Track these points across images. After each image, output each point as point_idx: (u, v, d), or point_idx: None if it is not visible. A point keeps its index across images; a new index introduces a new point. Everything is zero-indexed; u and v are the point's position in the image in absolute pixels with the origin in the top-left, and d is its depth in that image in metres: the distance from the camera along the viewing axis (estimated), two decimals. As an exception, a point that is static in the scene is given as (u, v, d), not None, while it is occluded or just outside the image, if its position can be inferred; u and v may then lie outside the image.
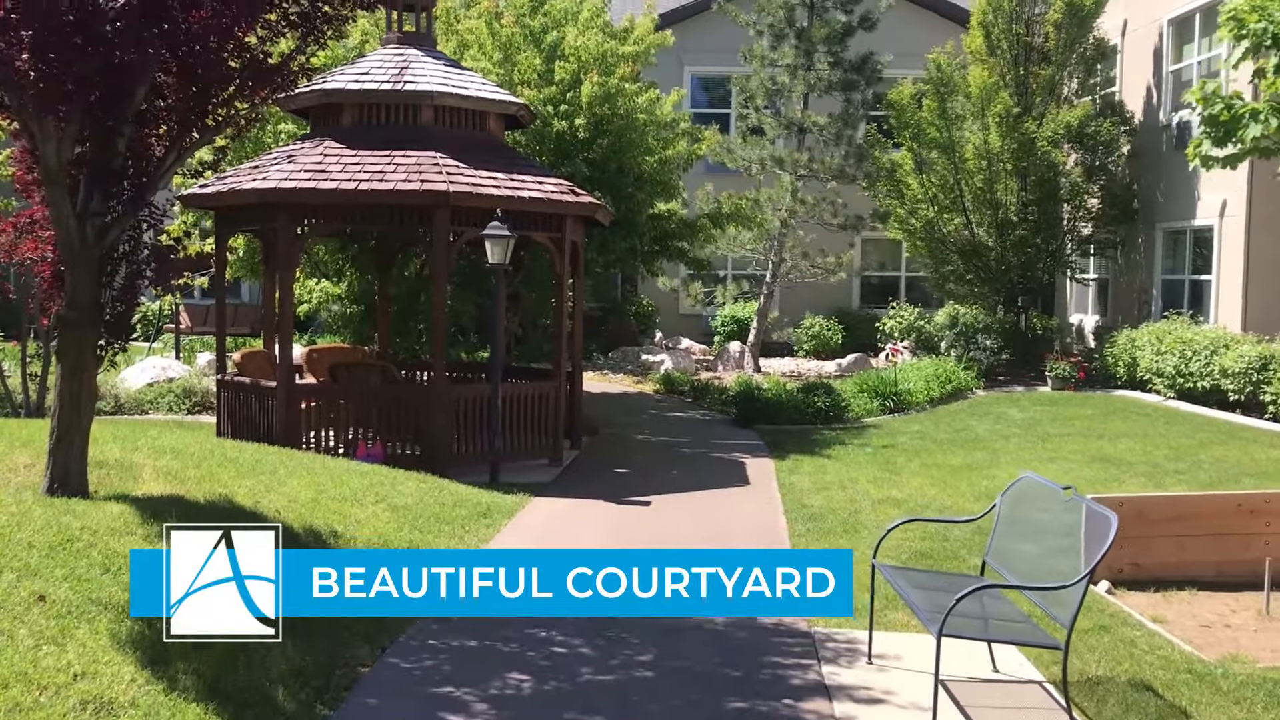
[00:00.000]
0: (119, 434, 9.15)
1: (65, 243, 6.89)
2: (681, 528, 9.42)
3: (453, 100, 11.79)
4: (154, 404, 15.06)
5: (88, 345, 7.03)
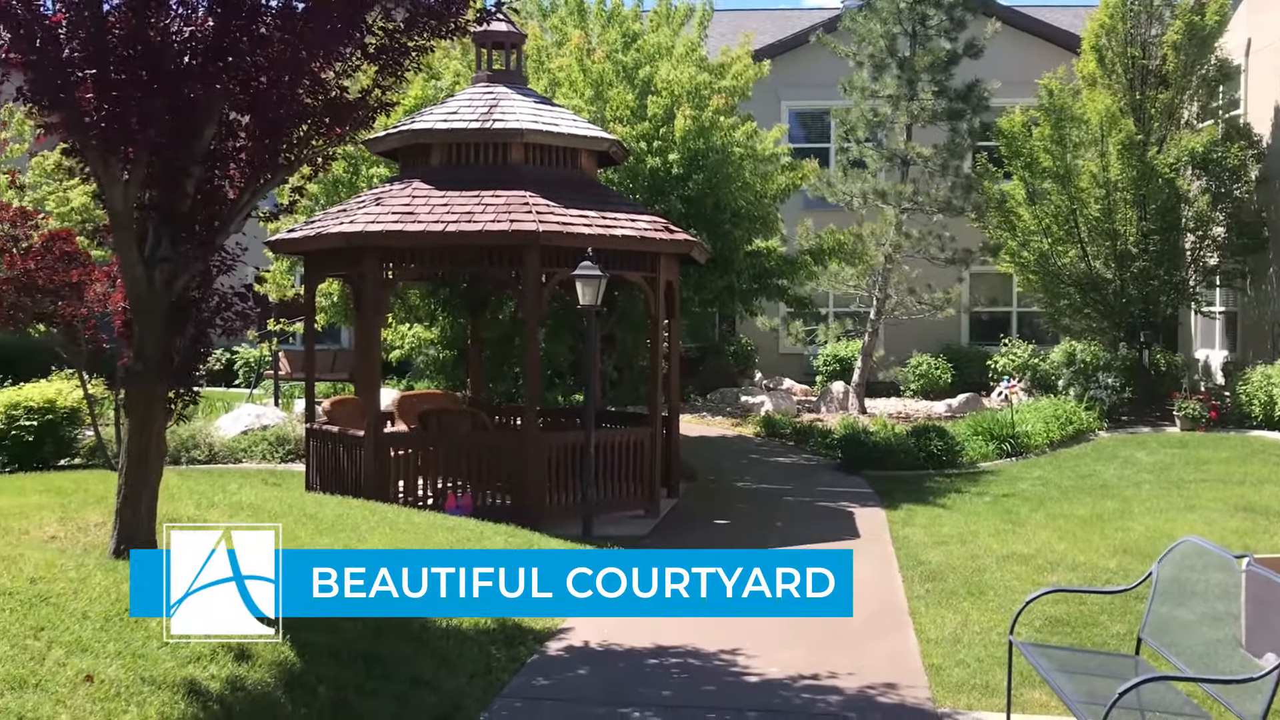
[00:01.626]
0: (196, 488, 8.82)
1: (133, 290, 6.55)
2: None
3: (542, 138, 11.39)
4: (247, 452, 14.90)
5: (156, 399, 6.66)
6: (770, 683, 6.39)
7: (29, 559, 6.07)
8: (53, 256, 11.79)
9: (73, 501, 7.58)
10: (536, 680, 6.33)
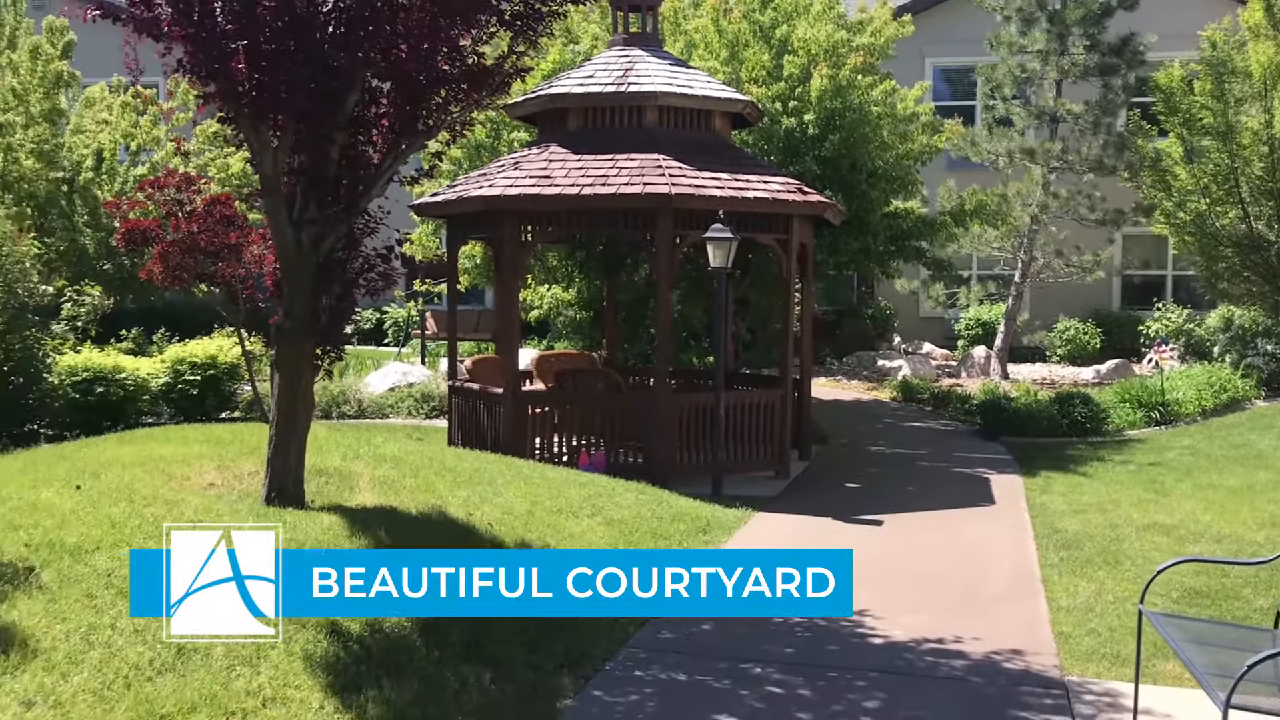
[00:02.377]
0: (343, 441, 9.25)
1: (282, 252, 6.91)
2: (910, 552, 8.67)
3: (677, 100, 11.43)
4: (394, 408, 15.46)
5: (304, 355, 7.03)
6: (894, 644, 6.40)
7: (189, 504, 6.51)
8: (213, 220, 12.35)
9: (229, 451, 8.05)
10: (661, 633, 6.47)
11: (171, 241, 12.61)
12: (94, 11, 6.23)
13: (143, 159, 19.35)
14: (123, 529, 5.83)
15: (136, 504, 6.32)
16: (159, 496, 6.57)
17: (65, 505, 6.14)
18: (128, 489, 6.64)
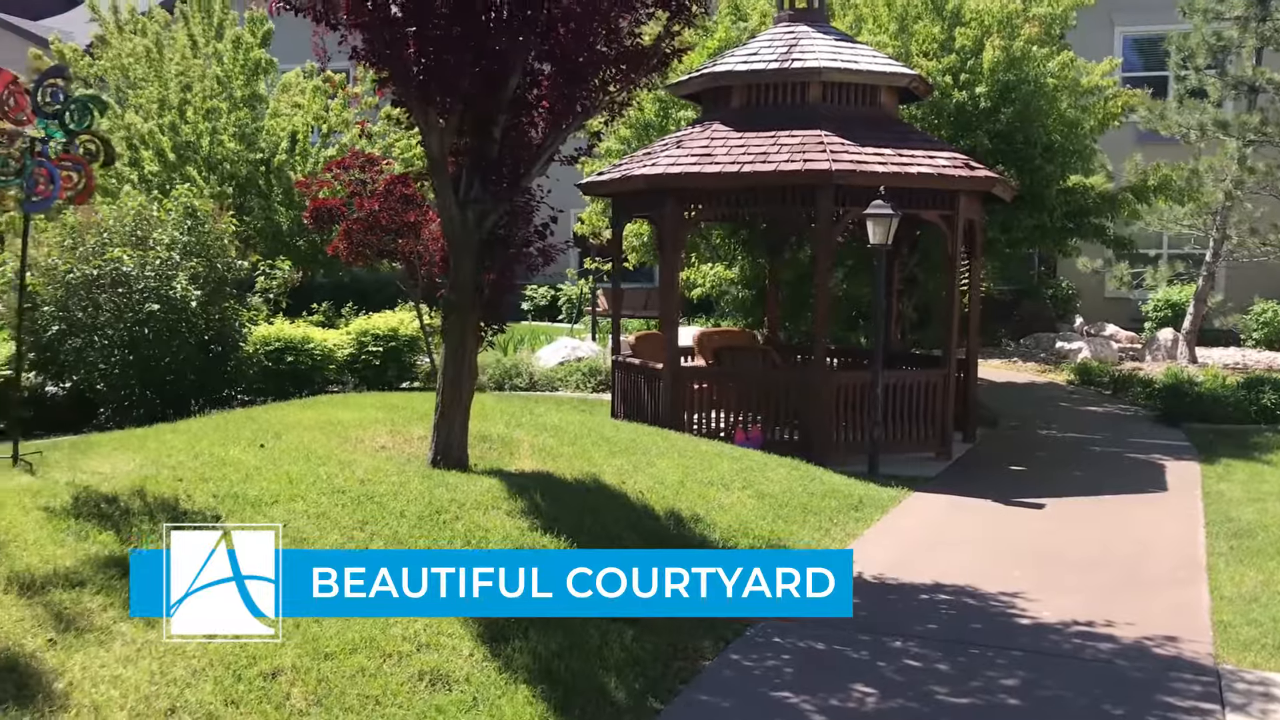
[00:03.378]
0: (508, 410, 9.64)
1: (449, 229, 7.28)
2: (1069, 535, 8.48)
3: (840, 75, 11.37)
4: (563, 381, 15.92)
5: (468, 327, 7.39)
6: (1042, 626, 6.33)
7: (361, 464, 6.96)
8: (393, 199, 13.00)
9: (401, 417, 8.52)
10: (803, 604, 6.57)
11: (355, 219, 13.34)
12: (279, 4, 6.69)
13: (332, 141, 20.38)
14: (298, 485, 6.30)
15: (312, 462, 6.81)
16: (333, 456, 7.05)
17: (250, 462, 6.67)
18: (306, 449, 7.15)
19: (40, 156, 6.14)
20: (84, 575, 4.75)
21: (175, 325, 12.10)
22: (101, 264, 11.98)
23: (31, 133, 6.12)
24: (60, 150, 6.23)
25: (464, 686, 4.78)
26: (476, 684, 4.82)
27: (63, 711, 3.88)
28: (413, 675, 4.75)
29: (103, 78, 21.04)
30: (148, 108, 18.97)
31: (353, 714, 4.39)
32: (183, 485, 6.00)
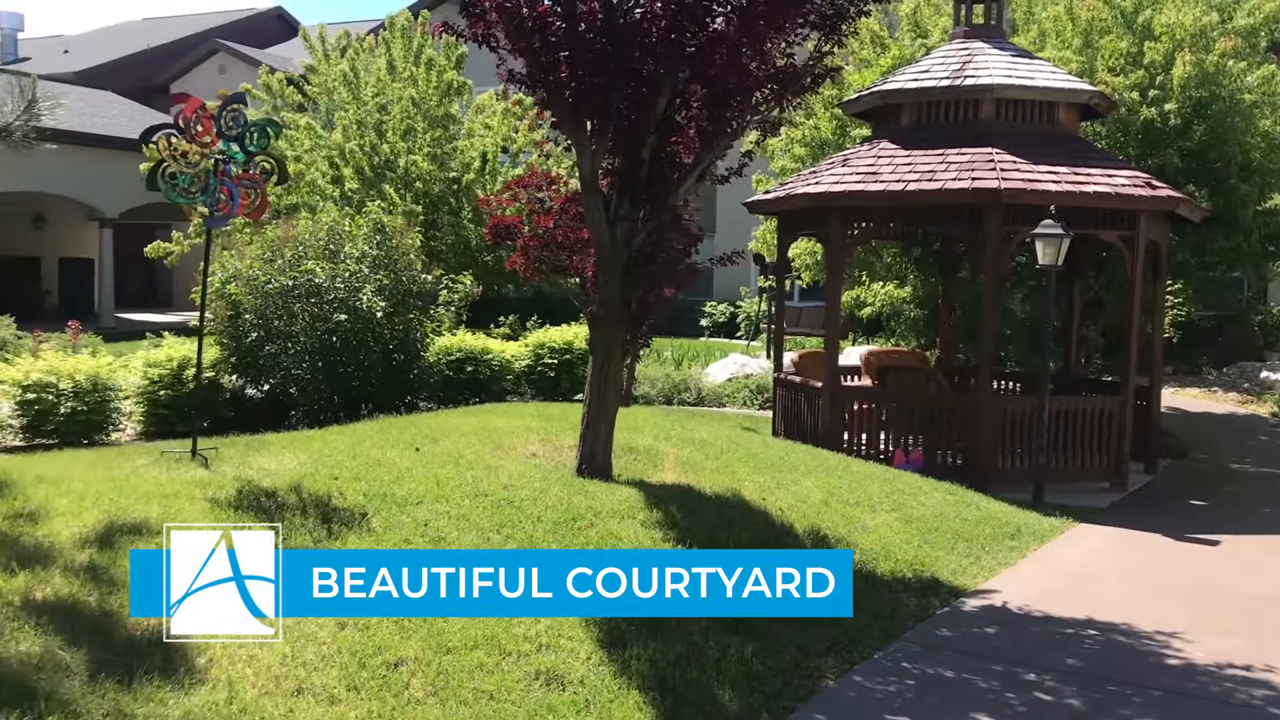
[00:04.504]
0: (659, 424, 9.82)
1: (598, 246, 7.52)
2: (1240, 575, 8.01)
3: (1015, 92, 11.09)
4: (731, 397, 16.01)
5: (614, 341, 7.60)
6: (1192, 667, 6.03)
7: (506, 469, 7.25)
8: (568, 216, 13.36)
9: (554, 426, 8.81)
10: (939, 630, 6.46)
11: (531, 236, 13.81)
12: (440, 29, 7.08)
13: (520, 161, 21.13)
14: (444, 487, 6.63)
15: (461, 467, 7.14)
16: (482, 461, 7.37)
17: (403, 464, 7.05)
18: (458, 454, 7.50)
19: (223, 175, 6.70)
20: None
21: (362, 335, 12.80)
22: (297, 275, 12.80)
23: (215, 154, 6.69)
24: (240, 170, 6.79)
25: (578, 688, 4.94)
26: (590, 686, 4.97)
27: (201, 685, 4.24)
28: (529, 674, 4.94)
29: (315, 101, 22.47)
30: (348, 129, 20.15)
31: (467, 707, 4.61)
32: (337, 483, 6.41)
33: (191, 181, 6.66)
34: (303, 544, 5.49)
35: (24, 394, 10.81)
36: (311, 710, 4.28)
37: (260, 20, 44.88)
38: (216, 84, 31.86)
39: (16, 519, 5.31)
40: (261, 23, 44.62)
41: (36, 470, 6.32)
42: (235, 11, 46.11)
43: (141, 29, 45.79)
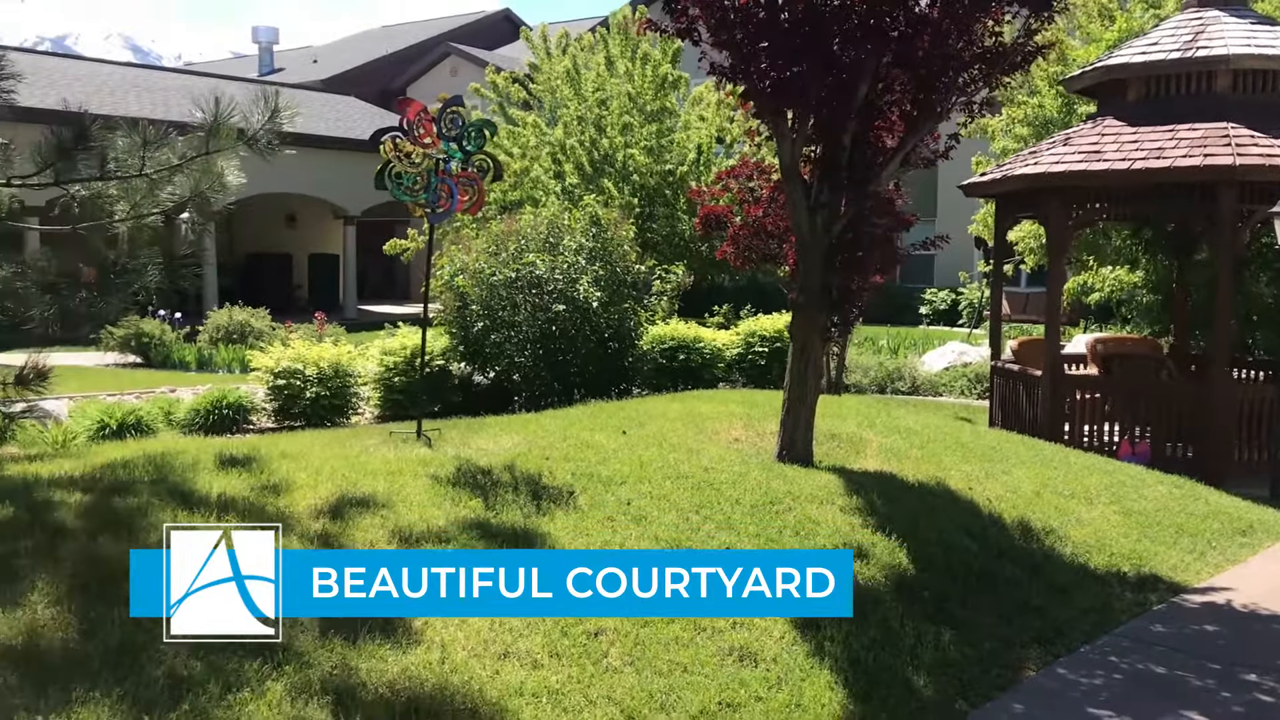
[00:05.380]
0: (864, 411, 9.76)
1: (798, 233, 7.58)
2: None
3: (1254, 63, 10.39)
4: (947, 387, 15.69)
5: (814, 328, 7.64)
6: None
7: (707, 452, 7.43)
8: (776, 205, 13.46)
9: (758, 412, 8.92)
10: (1154, 626, 6.22)
11: (741, 225, 13.97)
12: (645, 26, 7.31)
13: (734, 152, 21.28)
14: (647, 468, 6.86)
15: (664, 449, 7.36)
16: (685, 444, 7.57)
17: (610, 446, 7.34)
18: (662, 437, 7.73)
19: (443, 174, 7.16)
20: (451, 534, 5.54)
21: (579, 324, 13.27)
22: (519, 268, 13.39)
23: (436, 154, 7.15)
24: (459, 169, 7.23)
25: (770, 665, 5.06)
26: (783, 665, 5.09)
27: (416, 645, 4.60)
28: (723, 649, 5.09)
29: (540, 98, 23.30)
30: (569, 125, 20.81)
31: (661, 677, 4.81)
32: (547, 463, 6.76)
33: (414, 180, 7.15)
34: (513, 519, 5.83)
35: (275, 380, 11.79)
36: (516, 672, 4.57)
37: (489, 22, 46.80)
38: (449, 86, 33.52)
39: (263, 490, 5.88)
40: (490, 25, 46.54)
41: (281, 447, 6.95)
42: (465, 15, 48.25)
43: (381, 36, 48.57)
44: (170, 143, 5.74)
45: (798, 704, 4.83)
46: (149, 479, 5.90)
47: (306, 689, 4.11)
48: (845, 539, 6.32)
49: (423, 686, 4.29)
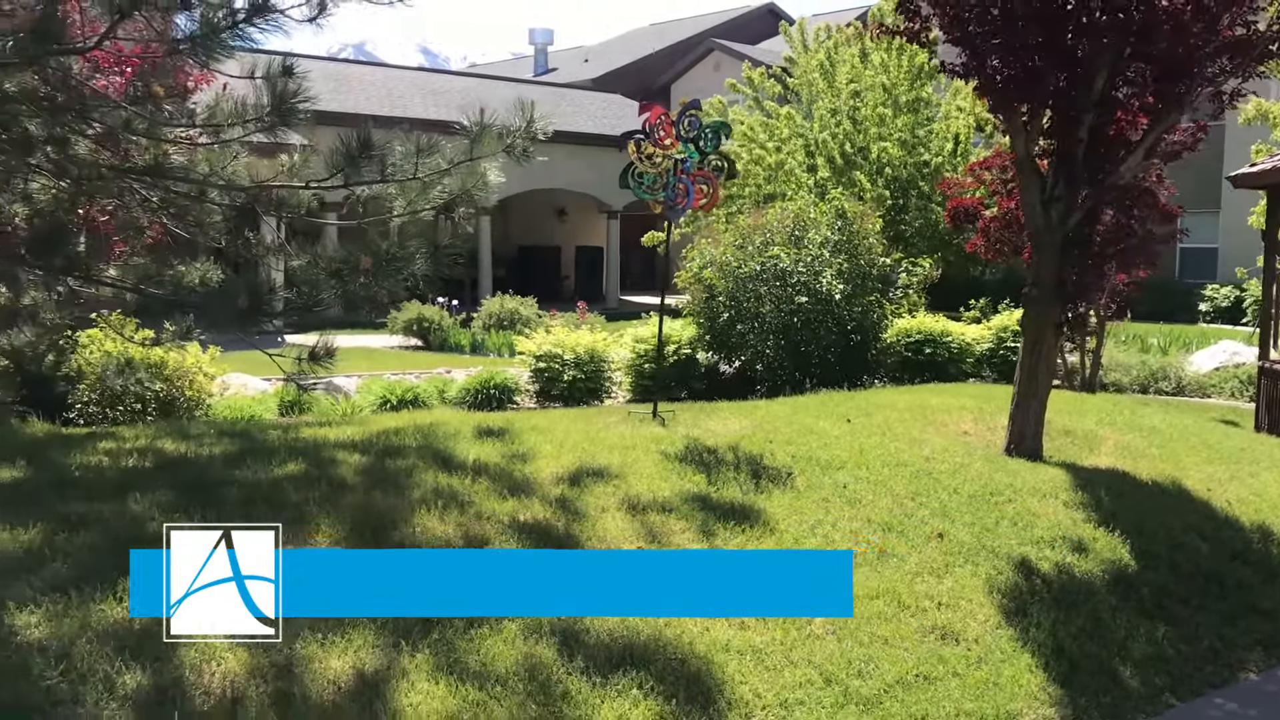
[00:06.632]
0: (1103, 409, 9.55)
1: (1031, 226, 7.60)
2: None
3: None
4: (1216, 388, 14.88)
5: (1047, 322, 7.64)
6: None
7: (931, 443, 7.60)
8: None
9: (992, 406, 8.93)
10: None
11: (992, 217, 13.76)
12: (877, 30, 7.53)
13: (994, 142, 20.79)
14: (866, 455, 7.12)
15: (886, 438, 7.58)
16: (908, 434, 7.76)
17: (833, 432, 7.63)
18: (885, 426, 7.94)
19: (680, 173, 7.66)
20: (674, 505, 6.02)
21: (821, 315, 13.52)
22: (764, 260, 13.78)
23: (674, 155, 7.66)
24: (695, 168, 7.71)
25: (971, 645, 5.26)
26: (984, 645, 5.27)
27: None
28: (925, 626, 5.33)
29: (797, 92, 23.57)
30: (823, 118, 20.97)
31: (861, 647, 5.10)
32: (770, 446, 7.14)
33: (654, 180, 7.69)
34: (732, 495, 6.26)
35: (536, 363, 12.71)
36: (724, 631, 4.98)
37: (753, 17, 47.28)
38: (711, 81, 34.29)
39: (513, 459, 6.56)
40: (754, 19, 47.01)
41: (531, 422, 7.66)
42: (730, 10, 48.96)
43: (649, 34, 50.02)
44: (440, 149, 6.49)
45: (994, 682, 5.01)
46: (415, 445, 6.71)
47: (537, 630, 4.68)
48: (1064, 532, 6.37)
49: (639, 636, 4.78)
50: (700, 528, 5.80)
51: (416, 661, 4.37)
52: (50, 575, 4.56)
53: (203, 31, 5.17)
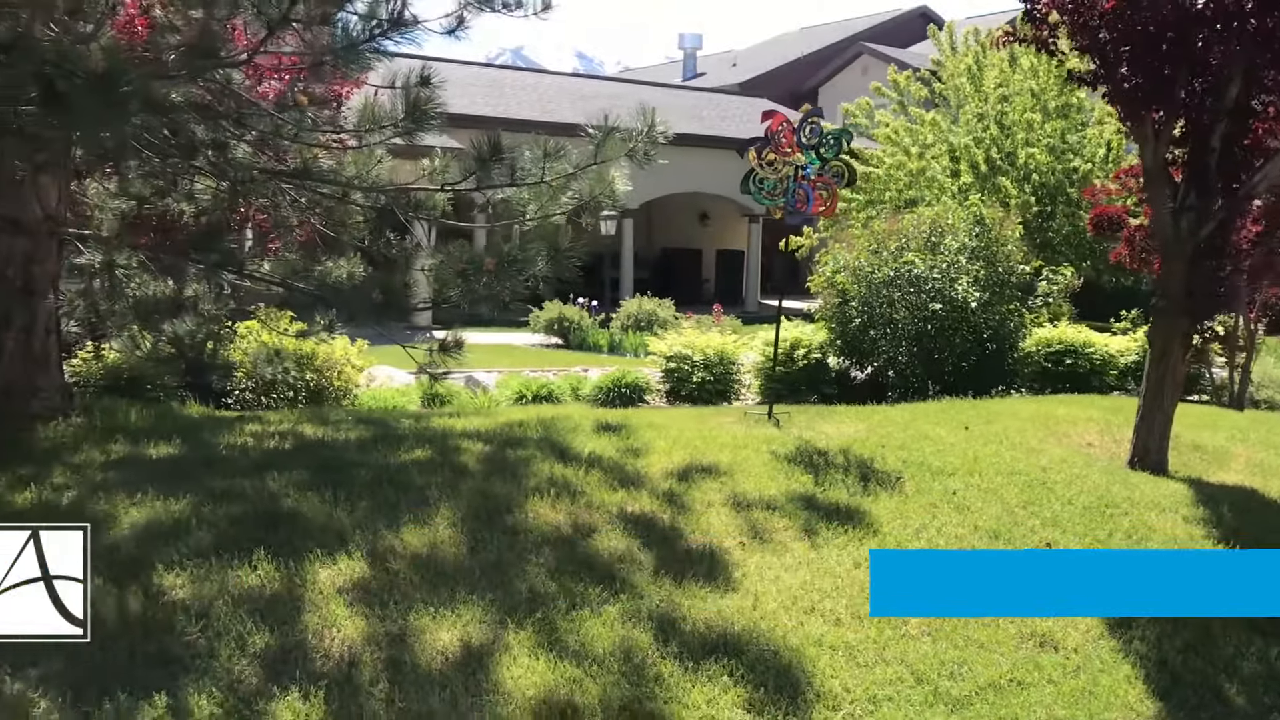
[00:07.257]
0: (1239, 424, 9.27)
1: (1160, 235, 7.47)
2: None
3: None
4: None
5: (1174, 333, 7.49)
6: None
7: (1049, 453, 7.53)
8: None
9: (1120, 419, 8.77)
10: None
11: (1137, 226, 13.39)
12: (1003, 39, 7.52)
13: (1148, 148, 20.16)
14: (980, 463, 7.12)
15: (1003, 447, 7.56)
16: (1026, 444, 7.71)
17: (949, 439, 7.64)
18: (1005, 435, 7.91)
19: (801, 179, 7.79)
20: (779, 503, 6.18)
21: (956, 323, 13.39)
22: (898, 266, 13.71)
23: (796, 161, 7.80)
24: (816, 174, 7.83)
25: (1070, 654, 5.27)
26: (1083, 654, 5.27)
27: (732, 593, 5.29)
28: (1022, 632, 5.36)
29: (945, 96, 23.26)
30: (969, 123, 20.66)
31: (956, 650, 5.17)
32: (882, 450, 7.21)
33: (775, 185, 7.85)
34: (838, 497, 6.38)
35: (667, 364, 12.97)
36: (818, 626, 5.13)
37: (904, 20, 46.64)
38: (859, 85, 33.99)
39: (627, 452, 6.82)
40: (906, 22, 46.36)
41: (649, 419, 7.91)
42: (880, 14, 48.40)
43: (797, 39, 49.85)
44: (566, 153, 6.80)
45: (1090, 691, 5.01)
46: (536, 436, 7.04)
47: (636, 615, 4.92)
48: (1180, 547, 6.27)
49: (733, 626, 4.97)
50: (803, 526, 5.94)
51: (520, 638, 4.65)
52: (194, 542, 5.02)
53: (342, 44, 5.58)
